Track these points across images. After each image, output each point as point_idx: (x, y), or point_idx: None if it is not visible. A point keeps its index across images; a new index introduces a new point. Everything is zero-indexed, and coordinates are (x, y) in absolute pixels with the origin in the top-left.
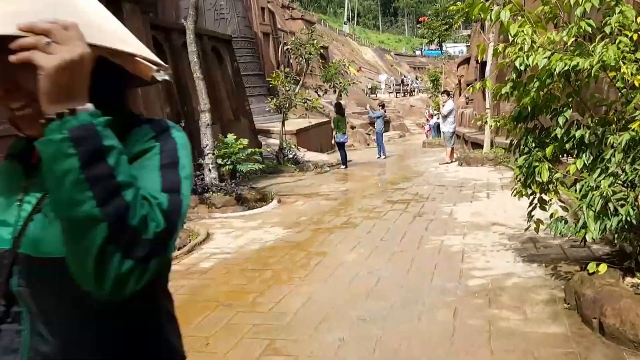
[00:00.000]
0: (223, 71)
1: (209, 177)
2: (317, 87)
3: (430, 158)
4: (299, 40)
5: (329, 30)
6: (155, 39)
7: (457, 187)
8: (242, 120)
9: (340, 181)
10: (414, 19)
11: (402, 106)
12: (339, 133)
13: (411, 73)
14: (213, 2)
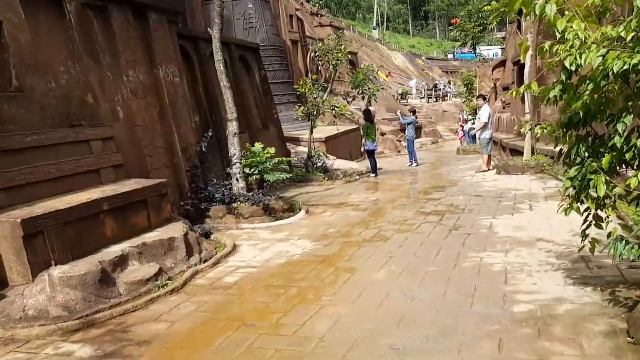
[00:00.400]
0: (251, 79)
1: (237, 187)
2: (345, 94)
3: (465, 165)
4: (327, 46)
5: (358, 36)
6: (183, 48)
7: (496, 198)
8: (271, 128)
9: (370, 190)
10: (445, 22)
11: (434, 111)
12: (368, 140)
13: (443, 77)
14: (242, 11)
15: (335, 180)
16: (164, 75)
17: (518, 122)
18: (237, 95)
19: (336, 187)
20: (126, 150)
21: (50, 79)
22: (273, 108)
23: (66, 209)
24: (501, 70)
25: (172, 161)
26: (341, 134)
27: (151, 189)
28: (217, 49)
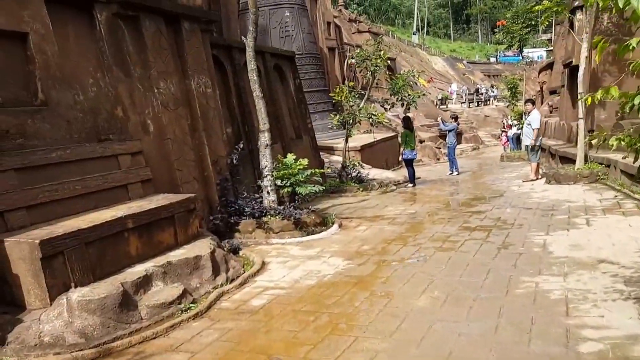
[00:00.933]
0: (285, 88)
1: (268, 200)
2: (383, 101)
3: (510, 174)
4: (365, 52)
5: (397, 41)
6: (217, 58)
7: (548, 211)
8: (304, 138)
9: (408, 202)
10: (488, 26)
11: (476, 116)
12: (406, 149)
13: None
14: (279, 20)
15: (371, 191)
16: (196, 86)
17: (568, 128)
18: (271, 104)
19: (371, 199)
20: (155, 164)
21: (78, 92)
22: (307, 117)
23: (89, 228)
24: (548, 73)
25: (202, 174)
26: (378, 142)
27: (179, 205)
28: (251, 58)
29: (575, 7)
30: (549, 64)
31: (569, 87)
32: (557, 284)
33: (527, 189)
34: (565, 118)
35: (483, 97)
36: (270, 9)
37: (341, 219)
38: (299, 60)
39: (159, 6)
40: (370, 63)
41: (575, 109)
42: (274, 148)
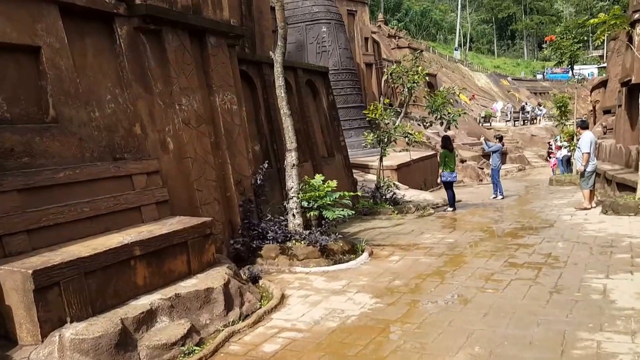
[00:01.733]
0: (318, 104)
1: (293, 224)
2: (421, 119)
3: (560, 200)
4: (402, 68)
5: (438, 57)
6: (246, 74)
7: (606, 248)
8: (337, 156)
9: (447, 229)
10: (534, 42)
11: (522, 136)
12: (446, 170)
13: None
14: (315, 35)
15: (406, 215)
16: (221, 103)
17: (626, 152)
18: (301, 121)
19: (407, 223)
20: (174, 184)
21: (94, 108)
22: (340, 135)
23: (90, 257)
24: (601, 92)
25: (224, 195)
26: (415, 161)
27: (194, 230)
28: (279, 73)
29: (636, 20)
30: (602, 82)
31: (627, 107)
32: (625, 346)
33: (581, 219)
34: (623, 141)
35: (529, 116)
36: (307, 24)
37: (372, 246)
38: (334, 75)
39: (184, 20)
40: (407, 79)
41: (634, 132)
42: (304, 167)
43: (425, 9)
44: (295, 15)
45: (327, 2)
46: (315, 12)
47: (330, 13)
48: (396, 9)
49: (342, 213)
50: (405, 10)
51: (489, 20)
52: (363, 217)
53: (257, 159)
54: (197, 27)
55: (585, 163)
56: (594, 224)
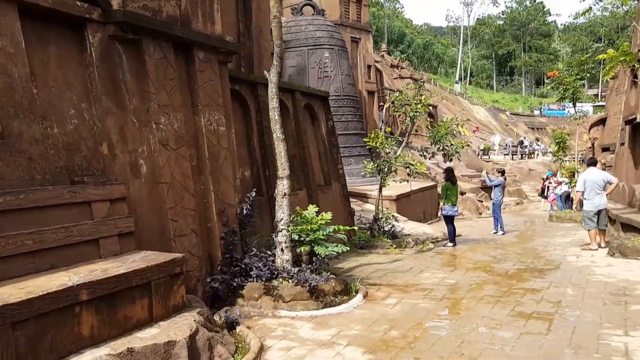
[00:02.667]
0: (316, 130)
1: (281, 259)
2: (423, 149)
3: (563, 239)
4: (405, 97)
5: (439, 89)
6: (239, 94)
7: (619, 297)
8: (334, 184)
9: (448, 267)
10: (532, 78)
11: (520, 170)
12: (447, 204)
13: (528, 134)
14: (318, 60)
15: (405, 249)
16: (206, 123)
17: (630, 191)
18: (297, 147)
19: (405, 259)
20: (144, 213)
21: (53, 124)
22: (338, 162)
23: (21, 303)
24: (600, 129)
25: (204, 226)
26: (415, 192)
27: (160, 268)
28: (273, 95)
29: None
30: (601, 120)
31: (631, 145)
32: None
33: (588, 261)
34: (626, 180)
35: (527, 150)
36: (310, 49)
37: (367, 285)
38: (336, 102)
39: (169, 31)
40: (409, 108)
41: (638, 170)
42: (299, 195)
43: (427, 42)
44: (297, 39)
45: (330, 28)
46: (318, 37)
47: (333, 39)
48: (399, 40)
49: (336, 249)
50: (409, 42)
51: (489, 56)
52: (359, 251)
53: (247, 185)
54: (183, 39)
55: (576, 202)
56: (602, 267)
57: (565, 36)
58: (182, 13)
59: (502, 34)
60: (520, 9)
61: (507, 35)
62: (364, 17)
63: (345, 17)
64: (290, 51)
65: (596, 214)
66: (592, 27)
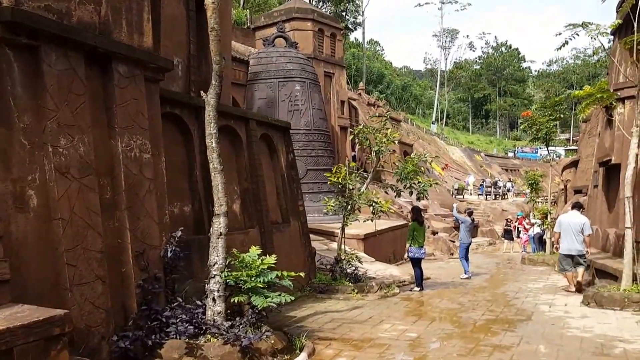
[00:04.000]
0: (274, 163)
1: (212, 311)
2: (389, 187)
3: (535, 284)
4: (369, 129)
5: (416, 128)
6: (179, 118)
7: (599, 356)
8: (292, 223)
9: (411, 316)
10: (506, 122)
11: (493, 210)
12: (414, 245)
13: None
14: (288, 93)
15: (368, 294)
16: (125, 149)
17: (603, 235)
18: (250, 181)
19: (366, 306)
20: (30, 256)
21: None
22: (299, 199)
23: None
24: (572, 171)
25: (115, 271)
26: (385, 231)
27: (27, 330)
28: (211, 119)
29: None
30: (574, 162)
31: (605, 188)
32: None
33: (561, 311)
34: (600, 223)
35: (501, 191)
36: (280, 81)
37: (317, 340)
38: (306, 136)
39: (78, 38)
40: (375, 141)
41: (611, 214)
42: (250, 234)
43: (406, 83)
44: (268, 70)
45: (302, 61)
46: (289, 69)
47: (305, 72)
48: (379, 81)
49: (276, 300)
50: (387, 83)
51: (465, 99)
52: (318, 296)
53: (187, 223)
54: (98, 50)
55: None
56: (577, 319)
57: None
58: (101, 20)
59: (479, 78)
60: (496, 55)
61: (483, 80)
62: (338, 52)
63: (319, 51)
64: (260, 83)
65: (569, 257)
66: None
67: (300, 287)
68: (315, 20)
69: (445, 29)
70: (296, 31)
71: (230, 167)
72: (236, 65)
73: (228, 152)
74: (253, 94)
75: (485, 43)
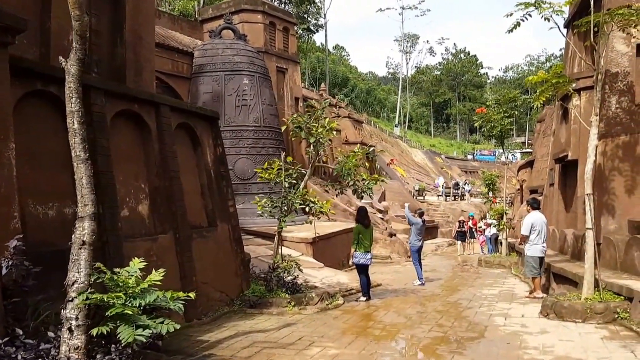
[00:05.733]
0: (198, 158)
1: (68, 346)
2: (327, 185)
3: (491, 290)
4: (304, 118)
5: (379, 131)
6: (50, 94)
7: None
8: (220, 226)
9: (349, 335)
10: (466, 126)
11: (453, 211)
12: (359, 250)
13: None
14: (236, 87)
15: (307, 306)
16: None
17: (561, 236)
18: (162, 177)
19: (300, 322)
20: None
21: None
22: (229, 198)
23: None
24: (528, 171)
25: None
26: (336, 234)
27: None
28: (72, 92)
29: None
30: (529, 162)
31: (561, 186)
32: None
33: (518, 324)
34: (556, 223)
35: (460, 192)
36: (227, 74)
37: None
38: (255, 133)
39: None
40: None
41: (569, 213)
42: (159, 241)
43: (370, 87)
44: (213, 63)
45: (251, 54)
46: (237, 61)
47: (254, 65)
48: (343, 84)
49: (146, 332)
50: (352, 87)
51: (427, 103)
52: (247, 311)
53: (67, 228)
54: None
55: (522, 244)
56: (535, 335)
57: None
58: None
59: (439, 83)
60: (456, 61)
61: (444, 85)
62: (291, 47)
63: (270, 45)
64: (205, 76)
65: (541, 259)
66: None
67: (229, 301)
68: (266, 12)
69: (406, 34)
70: (245, 23)
71: (135, 161)
72: (179, 57)
73: (132, 143)
74: (198, 88)
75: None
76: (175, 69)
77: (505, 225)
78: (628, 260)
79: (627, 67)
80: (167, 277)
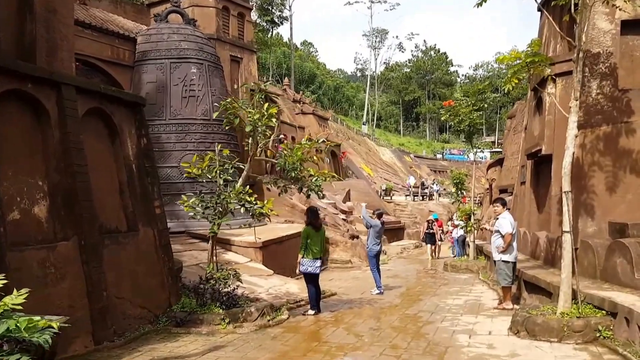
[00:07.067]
0: (116, 151)
1: None
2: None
3: (456, 299)
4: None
5: (346, 128)
6: None
7: None
8: (142, 230)
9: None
10: (435, 125)
11: (420, 211)
12: (306, 257)
13: (431, 176)
14: (182, 77)
15: (244, 323)
16: None
17: (533, 239)
18: (63, 172)
19: (232, 344)
20: None
21: None
22: (154, 198)
23: None
24: (497, 170)
25: None
26: (289, 238)
27: None
28: None
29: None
30: (498, 160)
31: (533, 184)
32: None
33: (484, 344)
34: (528, 225)
35: (428, 192)
36: (173, 62)
37: None
38: (204, 127)
39: None
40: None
41: (542, 214)
42: (58, 249)
43: (338, 84)
44: (158, 49)
45: (200, 40)
46: (183, 48)
47: (203, 52)
48: (310, 81)
49: None
50: (319, 83)
51: (396, 102)
52: (172, 330)
53: None
54: None
55: (507, 247)
56: (504, 357)
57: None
58: None
59: (409, 81)
60: (425, 58)
61: (414, 83)
62: (247, 34)
63: (224, 32)
64: (149, 64)
65: (514, 265)
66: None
67: (153, 318)
68: None
69: (375, 29)
70: (196, 7)
71: (30, 153)
72: (121, 42)
73: (25, 131)
74: (141, 77)
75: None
76: (115, 55)
77: (473, 226)
78: (609, 267)
79: (610, 46)
80: (69, 292)
